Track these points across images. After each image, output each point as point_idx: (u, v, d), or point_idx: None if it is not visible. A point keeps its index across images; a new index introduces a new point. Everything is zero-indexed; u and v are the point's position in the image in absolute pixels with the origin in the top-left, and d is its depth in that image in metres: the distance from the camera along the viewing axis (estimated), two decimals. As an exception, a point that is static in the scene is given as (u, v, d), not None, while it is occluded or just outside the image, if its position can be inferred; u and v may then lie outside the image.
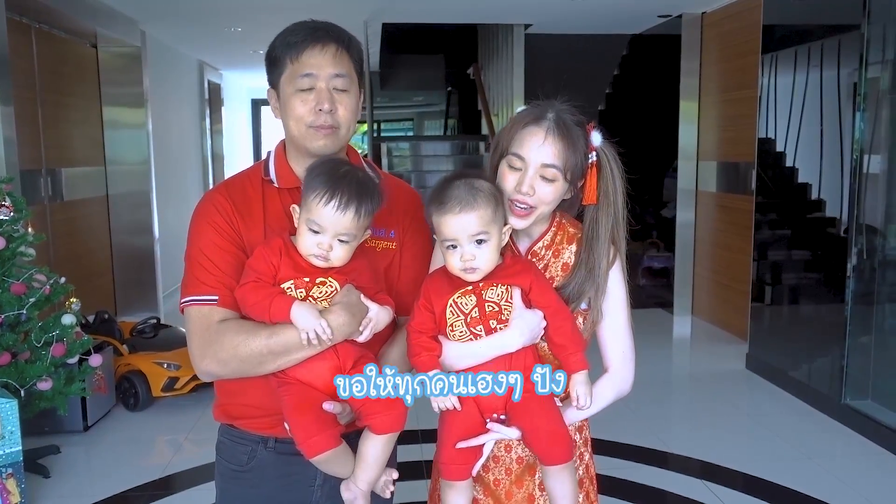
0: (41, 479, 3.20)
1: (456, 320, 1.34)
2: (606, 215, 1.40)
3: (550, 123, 1.34)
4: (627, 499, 3.03)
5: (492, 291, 1.34)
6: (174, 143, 7.34)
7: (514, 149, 1.36)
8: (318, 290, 1.32)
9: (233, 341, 1.32)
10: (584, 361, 1.35)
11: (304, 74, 1.36)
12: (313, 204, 1.28)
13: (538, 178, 1.35)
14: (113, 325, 4.31)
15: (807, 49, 4.52)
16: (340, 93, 1.38)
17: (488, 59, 8.53)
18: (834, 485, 3.17)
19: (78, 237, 5.45)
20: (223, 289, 1.35)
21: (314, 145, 1.38)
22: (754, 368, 4.69)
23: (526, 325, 1.33)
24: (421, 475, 2.90)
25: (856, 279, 3.84)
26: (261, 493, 1.48)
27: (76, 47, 5.53)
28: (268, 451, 1.45)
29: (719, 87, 5.61)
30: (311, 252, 1.30)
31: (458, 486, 1.38)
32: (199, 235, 1.40)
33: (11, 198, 3.21)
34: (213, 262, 1.37)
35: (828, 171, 4.49)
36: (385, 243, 1.48)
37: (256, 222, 1.40)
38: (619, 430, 3.45)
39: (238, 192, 1.43)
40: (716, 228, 5.69)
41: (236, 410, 1.47)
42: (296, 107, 1.37)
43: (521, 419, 1.33)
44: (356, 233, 1.32)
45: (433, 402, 1.34)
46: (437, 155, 9.24)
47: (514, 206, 1.36)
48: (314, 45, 1.36)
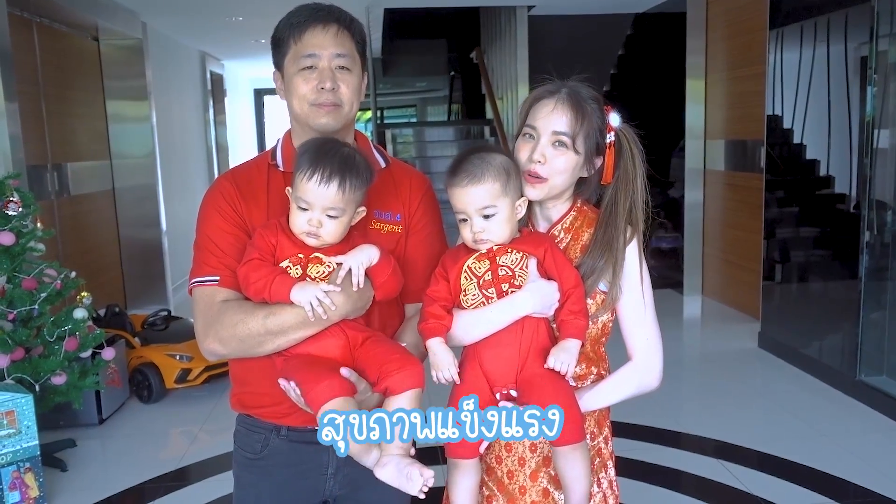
0: (59, 473, 3.22)
1: (469, 284, 1.34)
2: (625, 195, 1.41)
3: (562, 94, 1.37)
4: (643, 480, 3.03)
5: (506, 257, 1.34)
6: (178, 135, 7.33)
7: (529, 120, 1.39)
8: (314, 268, 1.32)
9: (231, 320, 1.34)
10: (581, 331, 1.33)
11: (307, 54, 1.39)
12: (299, 181, 1.30)
13: (549, 147, 1.36)
14: (124, 319, 4.32)
15: (813, 23, 4.46)
16: (343, 71, 1.40)
17: (491, 43, 8.47)
18: (850, 461, 3.16)
19: (86, 231, 5.46)
20: (225, 270, 1.38)
21: (317, 122, 1.40)
22: (767, 347, 4.67)
23: (539, 291, 1.32)
24: (437, 461, 2.90)
25: (869, 254, 3.81)
26: (274, 481, 1.49)
27: (78, 41, 5.51)
28: (280, 440, 1.46)
29: (726, 64, 5.55)
30: (303, 230, 1.31)
31: (464, 466, 1.35)
32: (204, 221, 1.43)
33: (19, 193, 3.20)
34: (216, 244, 1.40)
35: (836, 148, 4.45)
36: (390, 226, 1.48)
37: (260, 206, 1.43)
38: (632, 412, 3.44)
39: (244, 176, 1.46)
40: (725, 207, 5.66)
41: (249, 399, 1.49)
42: (299, 85, 1.39)
43: (531, 396, 1.30)
44: (344, 206, 1.31)
45: (433, 373, 1.33)
46: (441, 140, 9.22)
47: (527, 177, 1.37)
48: (316, 24, 1.39)
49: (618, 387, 1.41)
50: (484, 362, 1.33)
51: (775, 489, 2.95)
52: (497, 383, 1.33)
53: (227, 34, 7.46)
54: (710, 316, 5.64)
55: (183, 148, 7.55)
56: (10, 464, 2.81)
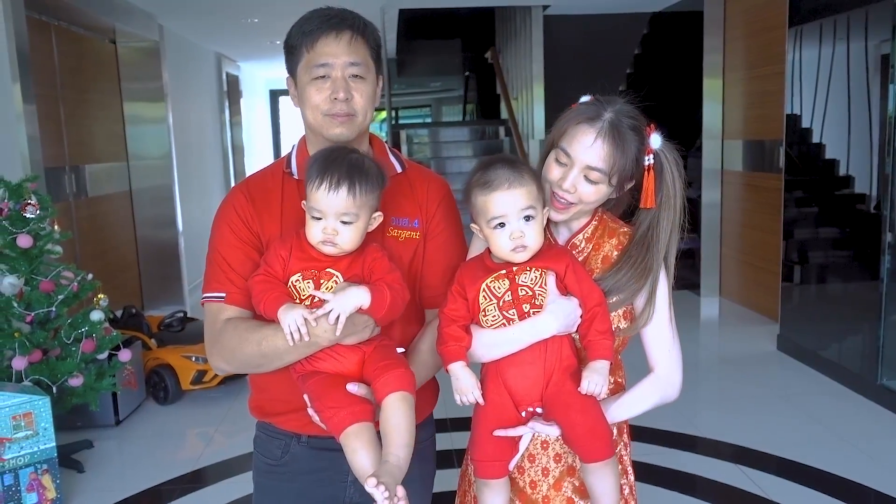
0: (75, 474, 3.23)
1: (488, 305, 1.31)
2: (667, 219, 1.37)
3: (604, 125, 1.30)
4: (661, 485, 3.00)
5: (525, 276, 1.31)
6: (194, 137, 7.37)
7: (564, 144, 1.33)
8: (326, 284, 1.31)
9: (230, 343, 1.35)
10: (609, 351, 1.30)
11: (320, 64, 1.36)
12: (310, 191, 1.30)
13: (581, 178, 1.32)
14: (140, 320, 4.34)
15: (833, 21, 4.40)
16: (356, 80, 1.37)
17: (506, 43, 8.44)
18: (871, 467, 3.11)
19: (103, 233, 5.50)
20: (231, 286, 1.38)
21: (331, 133, 1.38)
22: (785, 349, 4.62)
23: (561, 311, 1.29)
24: (451, 464, 2.89)
25: (890, 255, 3.75)
26: (294, 488, 1.48)
27: (95, 43, 5.56)
28: (301, 446, 1.46)
29: (744, 63, 5.50)
30: (318, 239, 1.30)
31: (494, 485, 1.34)
32: (216, 236, 1.43)
33: (37, 196, 3.23)
34: (225, 260, 1.40)
35: (856, 147, 4.39)
36: (408, 233, 1.45)
37: (274, 216, 1.41)
38: (649, 416, 3.39)
39: (258, 187, 1.45)
40: (743, 208, 5.60)
41: (269, 406, 1.48)
42: (312, 95, 1.37)
43: (558, 413, 1.29)
44: (357, 211, 1.29)
45: (455, 396, 1.32)
46: (456, 141, 9.20)
47: (554, 199, 1.34)
48: (329, 32, 1.36)
49: (641, 399, 1.39)
50: (508, 380, 1.30)
51: (794, 495, 2.91)
52: (522, 402, 1.30)
53: (243, 36, 7.50)
54: (728, 318, 5.59)
55: (199, 149, 7.59)
56: (28, 465, 2.83)
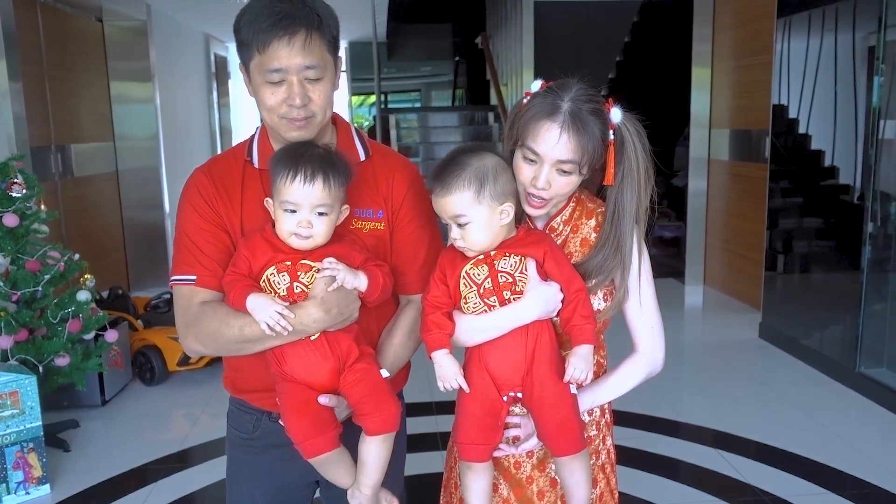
0: (61, 453, 3.24)
1: (469, 292, 1.32)
2: (631, 191, 1.36)
3: (566, 118, 1.29)
4: (642, 468, 3.05)
5: (504, 262, 1.32)
6: (182, 118, 7.31)
7: (529, 142, 1.31)
8: (306, 276, 1.31)
9: (209, 326, 1.34)
10: (591, 335, 1.32)
11: (273, 69, 1.28)
12: (282, 185, 1.29)
13: (554, 173, 1.32)
14: (127, 301, 4.33)
15: (821, 12, 4.43)
16: (313, 82, 1.31)
17: (497, 28, 8.42)
18: (848, 453, 3.17)
19: (89, 213, 5.46)
20: (201, 268, 1.37)
21: (289, 136, 1.35)
22: (767, 337, 4.68)
23: (541, 297, 1.30)
24: (436, 447, 2.92)
25: (871, 246, 3.81)
26: (265, 460, 1.51)
27: (82, 22, 5.49)
28: (272, 423, 1.48)
29: (732, 52, 5.52)
30: (293, 232, 1.30)
31: (477, 468, 1.37)
32: (181, 218, 1.42)
33: (23, 175, 3.21)
34: (193, 242, 1.39)
35: (841, 138, 4.43)
36: (372, 224, 1.43)
37: (234, 204, 1.40)
38: (631, 400, 3.43)
39: (220, 171, 1.43)
40: (728, 197, 5.64)
41: (241, 383, 1.50)
42: (266, 98, 1.32)
43: (533, 404, 1.33)
44: (331, 203, 1.30)
45: (439, 382, 1.34)
46: (445, 126, 9.18)
47: (530, 199, 1.34)
48: (282, 35, 1.26)
49: (627, 378, 1.42)
50: (490, 365, 1.32)
51: (773, 479, 2.96)
52: (504, 386, 1.33)
53: (231, 16, 7.29)
54: (712, 305, 5.65)
55: (186, 130, 7.53)
56: (14, 444, 2.83)
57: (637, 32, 8.43)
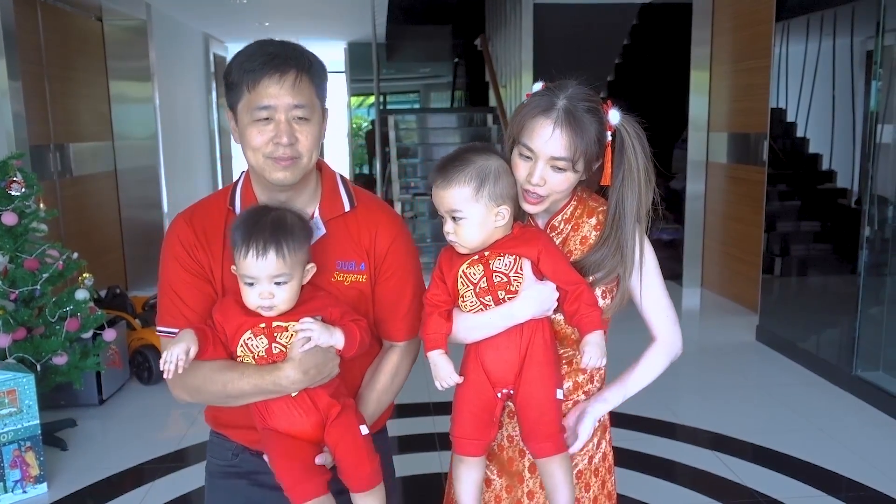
0: (59, 452, 3.24)
1: (466, 291, 1.34)
2: (632, 193, 1.38)
3: (559, 114, 1.30)
4: (639, 470, 3.05)
5: (499, 261, 1.33)
6: (181, 117, 7.32)
7: (524, 139, 1.33)
8: (283, 336, 1.31)
9: (194, 381, 1.35)
10: (599, 321, 1.32)
11: (262, 106, 1.28)
12: (238, 259, 1.29)
13: (548, 170, 1.33)
14: (125, 300, 4.33)
15: (820, 17, 4.45)
16: (301, 122, 1.31)
17: (496, 30, 8.43)
18: (845, 455, 3.18)
19: (87, 212, 5.46)
20: (185, 321, 1.36)
21: (273, 177, 1.33)
22: (765, 340, 4.69)
23: (536, 296, 1.32)
24: (433, 447, 2.93)
25: (868, 250, 3.82)
26: (244, 482, 1.50)
27: (81, 21, 5.50)
28: (253, 456, 1.47)
29: (731, 56, 5.54)
30: (257, 304, 1.30)
31: (471, 462, 1.39)
32: (163, 267, 1.42)
33: (22, 173, 3.21)
34: (176, 293, 1.39)
35: (839, 142, 4.44)
36: (354, 276, 1.42)
37: (216, 254, 1.39)
38: (629, 402, 3.45)
39: (202, 219, 1.42)
40: (726, 200, 5.66)
41: (224, 418, 1.50)
42: (253, 137, 1.30)
43: (518, 404, 1.35)
44: (289, 271, 1.28)
45: (435, 382, 1.36)
46: (444, 127, 9.19)
47: (526, 195, 1.36)
48: (272, 73, 1.27)
49: (651, 367, 1.45)
50: (485, 362, 1.35)
51: (769, 482, 2.97)
52: (498, 384, 1.35)
53: (231, 16, 7.43)
54: (709, 308, 5.66)
55: (185, 130, 7.54)
56: (11, 442, 2.83)
57: (636, 35, 8.44)
